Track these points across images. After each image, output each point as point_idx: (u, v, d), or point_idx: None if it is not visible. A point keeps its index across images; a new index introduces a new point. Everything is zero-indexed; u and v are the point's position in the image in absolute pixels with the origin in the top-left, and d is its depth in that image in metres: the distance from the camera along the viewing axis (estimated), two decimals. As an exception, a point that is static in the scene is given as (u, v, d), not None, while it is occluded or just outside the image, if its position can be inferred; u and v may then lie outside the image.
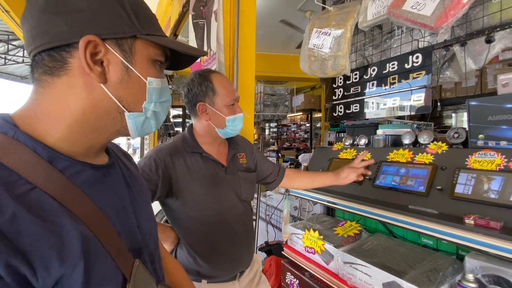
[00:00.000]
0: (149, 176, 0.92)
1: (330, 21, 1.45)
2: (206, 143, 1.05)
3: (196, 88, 0.99)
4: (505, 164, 0.88)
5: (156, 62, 0.48)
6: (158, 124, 0.51)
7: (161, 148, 1.00)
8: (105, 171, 0.46)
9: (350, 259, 1.11)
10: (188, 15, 2.32)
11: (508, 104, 0.91)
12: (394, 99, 1.33)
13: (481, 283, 0.86)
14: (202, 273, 1.00)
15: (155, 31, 0.46)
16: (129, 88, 0.44)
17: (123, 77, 0.43)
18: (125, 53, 0.43)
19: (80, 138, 0.42)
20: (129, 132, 0.47)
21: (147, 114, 0.48)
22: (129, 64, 0.43)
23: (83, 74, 0.40)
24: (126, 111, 0.45)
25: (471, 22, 1.03)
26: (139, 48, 0.44)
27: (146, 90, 0.46)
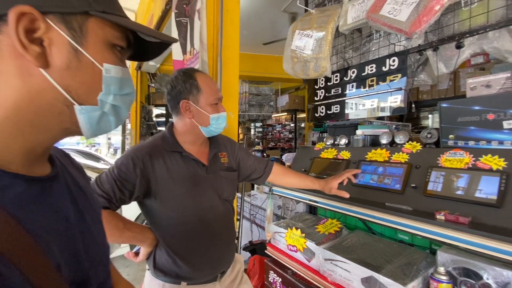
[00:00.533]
0: (126, 175, 0.90)
1: (312, 24, 1.48)
2: (187, 142, 1.04)
3: (180, 86, 0.98)
4: (473, 162, 0.94)
5: (115, 47, 0.40)
6: (119, 120, 0.44)
7: (139, 147, 0.97)
8: (45, 185, 0.37)
9: (331, 256, 1.14)
10: (171, 13, 2.29)
11: (476, 106, 0.97)
12: (373, 100, 1.38)
13: (451, 275, 0.91)
14: (182, 275, 0.98)
15: (114, 10, 0.39)
16: (80, 75, 0.37)
17: (71, 62, 0.36)
18: (74, 32, 0.35)
19: (14, 140, 0.34)
20: (82, 131, 0.39)
21: (104, 109, 0.40)
22: (79, 46, 0.36)
23: (16, 55, 0.32)
24: (76, 104, 0.37)
25: (443, 28, 1.09)
26: (93, 28, 0.37)
27: (102, 79, 0.39)
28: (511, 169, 0.86)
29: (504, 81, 0.91)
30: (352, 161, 1.34)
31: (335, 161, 1.41)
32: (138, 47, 0.45)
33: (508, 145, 0.90)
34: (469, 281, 0.88)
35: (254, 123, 9.14)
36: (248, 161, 1.23)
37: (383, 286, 0.94)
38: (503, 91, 0.92)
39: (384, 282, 0.94)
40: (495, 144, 0.93)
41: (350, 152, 1.38)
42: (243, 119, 7.83)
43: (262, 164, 1.25)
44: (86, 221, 0.44)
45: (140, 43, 0.44)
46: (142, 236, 0.97)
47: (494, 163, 0.89)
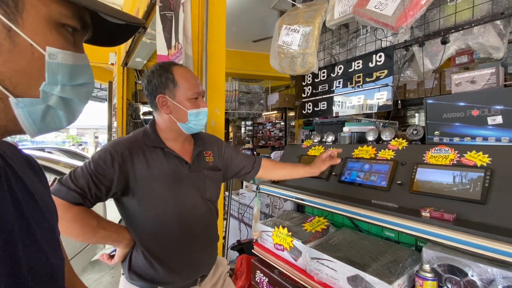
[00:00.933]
0: (103, 170, 0.85)
1: (298, 18, 1.45)
2: (169, 139, 0.99)
3: (156, 80, 0.94)
4: (458, 159, 0.93)
5: (64, 28, 0.34)
6: (72, 117, 0.37)
7: (118, 141, 0.92)
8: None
9: (317, 255, 1.12)
10: (156, 7, 2.22)
11: (461, 102, 0.96)
12: (359, 97, 1.37)
13: (437, 272, 0.91)
14: (158, 279, 0.94)
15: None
16: (14, 60, 0.30)
17: (3, 44, 0.29)
18: (6, 7, 0.29)
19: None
20: (23, 129, 0.33)
21: (49, 102, 0.34)
22: (13, 24, 0.29)
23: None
24: (11, 95, 0.31)
25: (429, 23, 1.08)
26: (32, 3, 0.31)
27: (46, 66, 0.32)
28: (495, 166, 0.85)
29: (488, 77, 0.91)
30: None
31: (322, 159, 1.39)
32: (100, 30, 0.39)
33: (492, 141, 0.90)
34: (454, 278, 0.88)
35: (245, 122, 9.09)
36: (236, 158, 1.19)
37: (369, 285, 0.93)
38: (487, 86, 0.91)
39: (370, 280, 0.92)
40: (479, 140, 0.93)
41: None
42: (233, 117, 7.77)
43: (250, 161, 1.22)
44: (33, 233, 0.37)
45: (102, 25, 0.38)
46: (118, 236, 0.92)
47: (478, 159, 0.89)
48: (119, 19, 0.36)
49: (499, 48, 0.90)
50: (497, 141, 0.89)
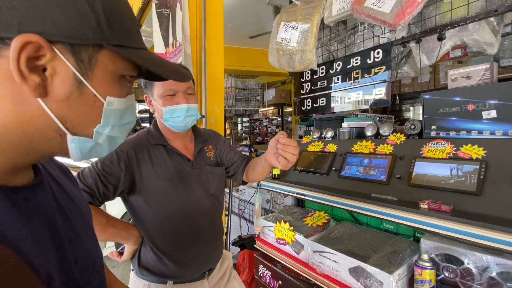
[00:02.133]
0: (110, 169, 0.87)
1: (297, 15, 1.46)
2: (169, 137, 1.02)
3: (142, 80, 0.96)
4: (454, 152, 0.97)
5: (124, 78, 0.38)
6: (113, 148, 0.42)
7: (123, 141, 0.94)
8: (27, 194, 0.35)
9: (319, 248, 1.15)
10: (152, 4, 2.20)
11: (457, 97, 0.99)
12: (358, 93, 1.39)
13: (434, 261, 0.94)
14: (168, 273, 0.96)
15: (130, 42, 0.36)
16: (78, 107, 0.34)
17: (72, 94, 0.33)
18: (81, 64, 0.33)
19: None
20: (70, 156, 0.37)
21: (99, 140, 0.38)
22: (84, 78, 0.33)
23: (12, 80, 0.30)
24: (69, 134, 0.35)
25: (425, 20, 1.10)
26: (103, 61, 0.35)
27: (103, 112, 0.36)
28: (490, 158, 0.89)
29: (483, 72, 0.93)
30: (338, 153, 1.35)
31: (321, 154, 1.41)
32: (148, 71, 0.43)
33: (487, 134, 0.93)
34: (451, 267, 0.91)
35: (241, 118, 9.09)
36: (228, 154, 1.18)
37: (370, 275, 0.96)
38: (482, 82, 0.94)
39: (371, 271, 0.96)
40: (475, 134, 0.96)
41: (336, 144, 1.39)
42: (229, 114, 7.76)
43: (240, 160, 1.18)
44: (74, 228, 0.41)
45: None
46: (127, 233, 0.94)
47: (474, 152, 0.92)
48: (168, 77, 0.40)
49: (493, 44, 0.92)
50: (492, 134, 0.92)
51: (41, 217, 0.36)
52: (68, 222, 0.40)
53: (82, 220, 0.45)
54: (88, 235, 0.45)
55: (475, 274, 0.86)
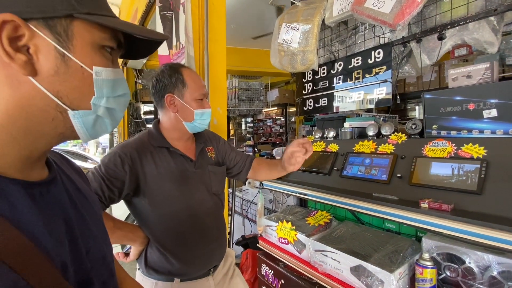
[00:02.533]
0: (115, 172, 0.89)
1: (298, 16, 1.47)
2: (173, 138, 1.03)
3: (166, 79, 0.97)
4: (455, 151, 0.97)
5: (104, 49, 0.40)
6: (115, 122, 0.44)
7: (126, 144, 0.96)
8: (43, 189, 0.38)
9: (321, 247, 1.16)
10: (155, 7, 2.23)
11: (457, 96, 0.99)
12: (359, 93, 1.40)
13: (436, 261, 0.94)
14: (174, 271, 0.98)
15: (99, 10, 0.38)
16: (69, 80, 0.36)
17: (59, 67, 0.35)
18: (59, 37, 0.35)
19: (9, 147, 0.34)
20: (78, 135, 0.40)
21: (98, 112, 0.40)
22: (66, 51, 0.35)
23: (3, 65, 0.32)
24: (69, 109, 0.37)
25: (426, 20, 1.10)
26: (79, 31, 0.36)
27: (94, 83, 0.38)
28: (490, 157, 0.89)
29: (483, 71, 0.93)
30: (340, 153, 1.35)
31: (323, 154, 1.42)
32: (129, 46, 0.45)
33: (487, 134, 0.93)
34: (452, 266, 0.92)
35: (245, 118, 9.10)
36: (230, 155, 1.21)
37: (371, 274, 0.97)
38: (482, 81, 0.94)
39: (372, 270, 0.96)
40: (475, 133, 0.96)
41: (338, 144, 1.39)
42: (233, 114, 7.79)
43: (243, 160, 1.22)
44: (86, 222, 0.44)
45: (131, 41, 0.44)
46: (133, 235, 0.97)
47: (474, 151, 0.92)
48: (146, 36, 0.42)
49: (493, 43, 0.92)
50: (492, 133, 0.92)
51: (56, 210, 0.39)
52: (80, 216, 0.43)
53: (93, 215, 0.47)
54: (99, 229, 0.47)
55: (477, 273, 0.86)
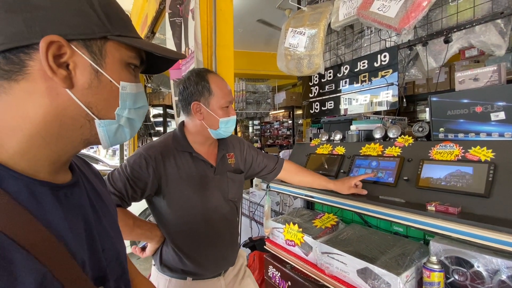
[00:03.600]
0: (139, 174, 0.91)
1: (304, 21, 1.49)
2: (197, 142, 1.04)
3: (192, 87, 0.98)
4: (462, 154, 0.96)
5: (129, 66, 0.45)
6: (133, 132, 0.48)
7: (151, 146, 0.99)
8: (67, 192, 0.42)
9: (327, 249, 1.16)
10: (165, 13, 2.29)
11: (464, 99, 0.99)
12: (365, 96, 1.40)
13: (444, 264, 0.94)
14: (187, 271, 1.01)
15: (128, 32, 0.43)
16: (100, 93, 0.41)
17: (92, 82, 0.40)
18: (94, 56, 0.40)
19: (42, 151, 0.38)
20: (100, 141, 0.44)
21: (121, 122, 0.45)
22: (99, 68, 0.40)
23: (46, 78, 0.37)
24: (96, 118, 0.42)
25: (432, 23, 1.11)
26: (111, 51, 0.42)
27: (119, 96, 0.43)
28: (498, 160, 0.88)
29: (491, 74, 0.93)
30: (346, 156, 1.36)
31: (330, 157, 1.43)
32: (149, 62, 0.50)
33: (495, 136, 0.93)
34: (460, 270, 0.91)
35: (252, 121, 9.14)
36: (257, 158, 1.24)
37: (378, 276, 0.97)
38: (490, 84, 0.94)
39: (379, 272, 0.96)
40: (483, 136, 0.95)
41: (344, 147, 1.40)
42: (240, 117, 7.83)
43: (272, 162, 1.26)
44: (103, 223, 0.48)
45: (151, 59, 0.49)
46: (151, 234, 1.00)
47: (482, 154, 0.92)
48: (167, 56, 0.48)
49: (501, 46, 0.92)
50: (500, 136, 0.91)
51: (77, 211, 0.43)
52: (98, 217, 0.47)
53: (110, 217, 0.51)
54: (114, 230, 0.51)
55: (485, 277, 0.86)
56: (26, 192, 0.36)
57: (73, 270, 0.37)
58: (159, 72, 0.55)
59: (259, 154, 1.25)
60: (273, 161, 1.26)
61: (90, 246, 0.42)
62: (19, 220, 0.33)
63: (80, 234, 0.41)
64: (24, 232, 0.33)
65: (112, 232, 0.50)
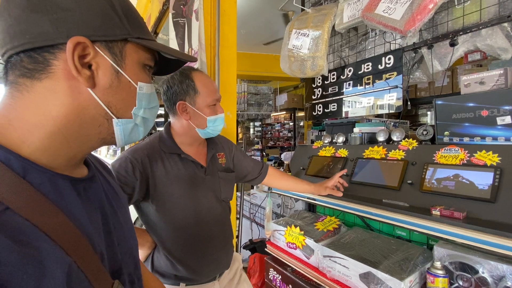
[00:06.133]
0: (125, 179, 0.88)
1: (308, 23, 1.49)
2: (184, 143, 1.02)
3: (176, 86, 0.96)
4: (468, 158, 0.95)
5: (146, 67, 0.46)
6: (146, 130, 0.49)
7: (136, 149, 0.95)
8: (86, 185, 0.43)
9: (329, 253, 1.15)
10: (168, 13, 2.30)
11: (470, 103, 0.98)
12: (369, 98, 1.39)
13: (448, 269, 0.93)
14: (180, 277, 0.98)
15: (145, 35, 0.45)
16: (119, 93, 0.43)
17: (113, 82, 0.42)
18: (116, 57, 0.41)
19: (62, 148, 0.39)
20: (115, 140, 0.45)
21: (136, 121, 0.46)
22: (120, 68, 0.42)
23: (69, 77, 0.38)
24: (115, 117, 0.43)
25: (437, 26, 1.10)
26: (130, 52, 0.43)
27: (136, 96, 0.45)
28: (505, 165, 0.87)
29: (497, 78, 0.92)
30: (349, 158, 1.35)
31: (333, 159, 1.42)
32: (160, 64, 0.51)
33: (502, 141, 0.92)
34: (465, 275, 0.90)
35: (253, 123, 9.13)
36: (243, 162, 1.22)
37: (380, 281, 0.96)
38: (496, 87, 0.93)
39: (382, 277, 0.95)
40: (489, 140, 0.94)
41: (347, 150, 1.39)
42: (242, 118, 7.82)
43: (257, 166, 1.27)
44: (118, 217, 0.49)
45: (161, 60, 0.50)
46: (141, 240, 0.97)
47: (488, 158, 0.91)
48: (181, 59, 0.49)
49: (507, 50, 0.91)
50: (507, 140, 0.90)
51: (95, 205, 0.44)
52: (113, 211, 0.48)
53: (124, 211, 0.52)
54: (127, 224, 0.52)
55: (490, 284, 0.84)
56: (49, 184, 0.36)
57: (94, 262, 0.37)
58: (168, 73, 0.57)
59: (245, 158, 1.25)
60: (258, 166, 1.27)
61: (107, 239, 0.43)
62: (44, 210, 0.34)
63: (99, 227, 0.42)
64: (49, 222, 0.33)
65: (125, 226, 0.51)
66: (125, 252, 0.48)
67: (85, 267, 0.35)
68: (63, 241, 0.33)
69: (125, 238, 0.49)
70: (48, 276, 0.30)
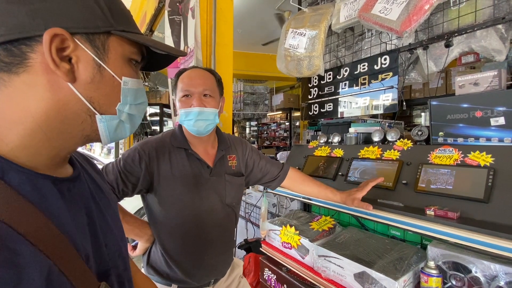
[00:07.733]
0: (131, 168, 0.90)
1: (305, 22, 1.48)
2: (194, 141, 1.01)
3: (173, 87, 1.02)
4: (462, 159, 0.96)
5: (131, 61, 0.45)
6: (133, 128, 0.48)
7: (147, 141, 0.97)
8: (69, 185, 0.41)
9: (324, 252, 1.15)
10: (164, 11, 2.28)
11: (464, 104, 0.99)
12: (365, 98, 1.40)
13: (441, 269, 0.93)
14: (173, 277, 0.97)
15: (130, 28, 0.43)
16: (102, 88, 0.41)
17: (95, 76, 0.40)
18: (97, 50, 0.39)
19: (43, 146, 0.38)
20: (100, 138, 0.43)
21: (122, 117, 0.44)
22: (102, 62, 0.40)
23: (47, 71, 0.36)
24: (98, 113, 0.41)
25: (433, 27, 1.11)
26: (113, 46, 0.41)
27: (121, 91, 0.43)
28: (498, 165, 0.88)
29: (491, 79, 0.93)
30: (345, 158, 1.35)
31: (328, 159, 1.42)
32: (149, 59, 0.49)
33: (495, 141, 0.92)
34: (458, 275, 0.90)
35: (249, 122, 9.13)
36: (259, 163, 1.16)
37: (375, 281, 0.96)
38: (490, 89, 0.94)
39: (376, 277, 0.95)
40: (483, 141, 0.95)
41: (343, 149, 1.39)
42: (238, 118, 7.82)
43: (275, 168, 1.17)
44: (105, 218, 0.47)
45: (150, 55, 0.48)
46: (140, 231, 0.97)
47: (482, 159, 0.91)
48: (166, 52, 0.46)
49: (501, 51, 0.92)
50: (500, 141, 0.91)
51: (80, 205, 0.42)
52: (100, 211, 0.46)
53: (111, 210, 0.50)
54: (116, 225, 0.51)
55: (483, 283, 0.85)
56: (28, 184, 0.35)
57: (77, 264, 0.36)
58: (158, 70, 0.54)
59: (262, 159, 1.17)
60: (277, 167, 1.17)
61: (93, 240, 0.42)
62: (22, 212, 0.32)
63: (83, 227, 0.41)
64: (27, 224, 0.32)
65: (114, 227, 0.49)
66: (113, 252, 0.46)
67: (67, 270, 0.33)
68: (42, 244, 0.32)
69: (113, 239, 0.48)
70: (25, 280, 0.28)
